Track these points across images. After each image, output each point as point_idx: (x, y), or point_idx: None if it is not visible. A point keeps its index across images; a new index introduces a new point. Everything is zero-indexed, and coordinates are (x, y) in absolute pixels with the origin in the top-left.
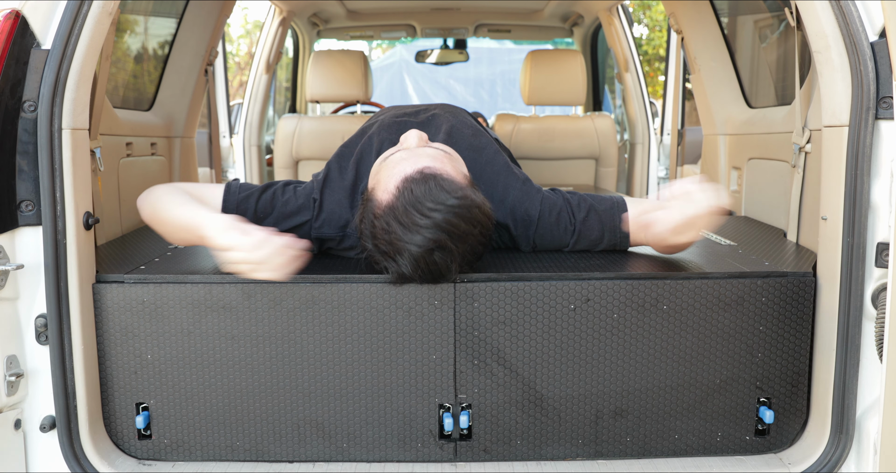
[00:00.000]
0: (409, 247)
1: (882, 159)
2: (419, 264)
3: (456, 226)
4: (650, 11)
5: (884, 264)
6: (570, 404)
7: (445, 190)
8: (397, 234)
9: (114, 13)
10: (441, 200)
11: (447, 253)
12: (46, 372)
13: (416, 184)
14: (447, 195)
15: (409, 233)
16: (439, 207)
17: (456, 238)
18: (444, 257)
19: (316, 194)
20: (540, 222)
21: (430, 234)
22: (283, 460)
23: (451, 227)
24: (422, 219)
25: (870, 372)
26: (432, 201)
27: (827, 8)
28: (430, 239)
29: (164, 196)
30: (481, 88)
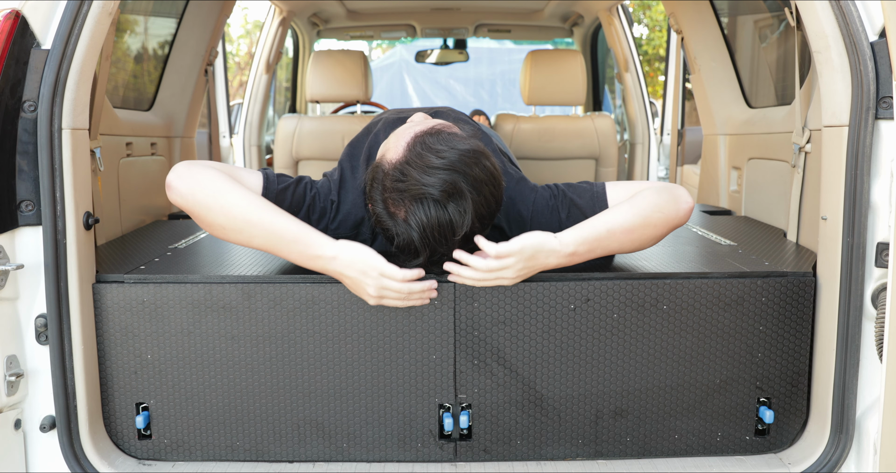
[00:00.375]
0: (425, 190)
1: (882, 159)
2: (433, 213)
3: (470, 168)
4: (650, 11)
5: (884, 264)
6: (570, 404)
7: (458, 137)
8: (413, 179)
9: (114, 13)
10: (454, 145)
11: (462, 200)
12: (46, 372)
13: (428, 136)
14: (460, 140)
15: (425, 176)
16: (453, 150)
17: (470, 183)
18: (458, 207)
19: (334, 196)
20: (532, 222)
21: (444, 176)
22: (283, 460)
23: (465, 168)
24: (436, 159)
25: (870, 372)
26: (445, 145)
27: (827, 8)
28: (446, 180)
29: (224, 185)
30: (481, 88)
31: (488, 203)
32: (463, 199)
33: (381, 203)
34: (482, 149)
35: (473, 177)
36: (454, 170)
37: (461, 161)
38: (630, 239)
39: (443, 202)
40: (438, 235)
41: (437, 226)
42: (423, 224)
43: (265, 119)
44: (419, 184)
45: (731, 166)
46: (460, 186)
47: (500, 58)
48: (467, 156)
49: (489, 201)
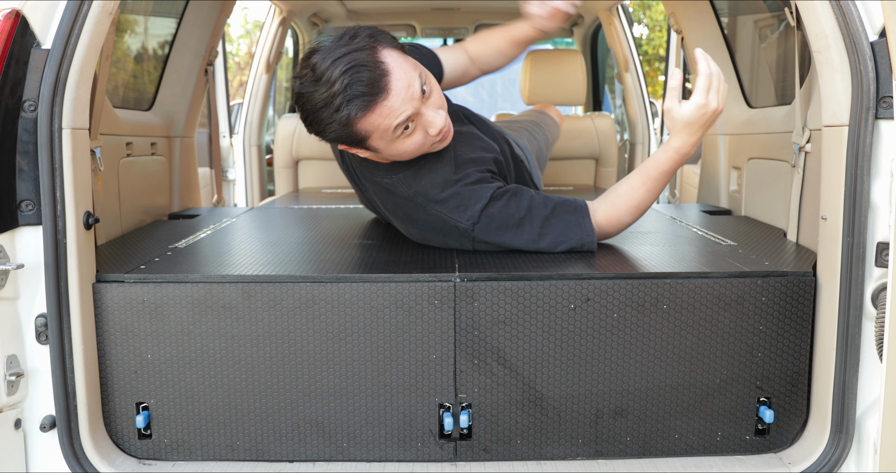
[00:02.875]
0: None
1: (882, 159)
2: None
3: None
4: (650, 11)
5: (884, 264)
6: (570, 404)
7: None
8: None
9: (114, 13)
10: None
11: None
12: (46, 372)
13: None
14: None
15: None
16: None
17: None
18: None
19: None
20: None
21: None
22: (283, 460)
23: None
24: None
25: (870, 372)
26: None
27: (827, 8)
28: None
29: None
30: (481, 88)
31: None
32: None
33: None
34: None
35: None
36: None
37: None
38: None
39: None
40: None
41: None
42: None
43: (265, 119)
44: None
45: (731, 166)
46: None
47: None
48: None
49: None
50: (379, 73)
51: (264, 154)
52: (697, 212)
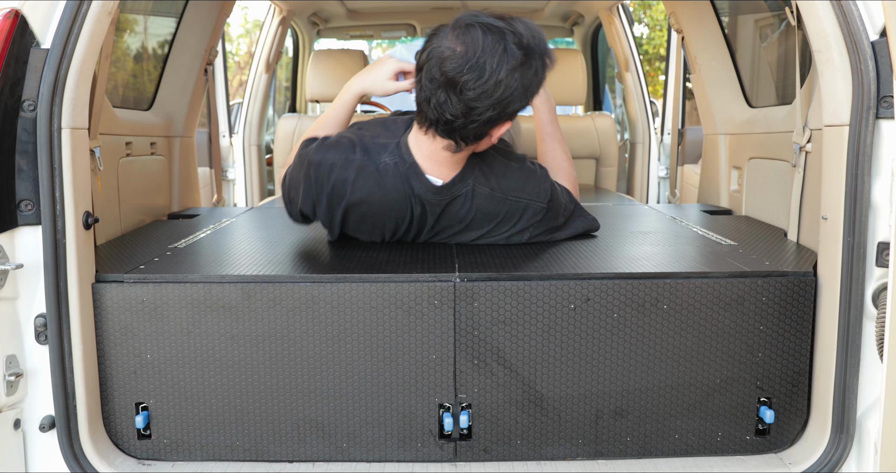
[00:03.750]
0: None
1: (883, 158)
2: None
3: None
4: (651, 11)
5: (884, 264)
6: (570, 404)
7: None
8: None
9: (113, 12)
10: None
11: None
12: (46, 372)
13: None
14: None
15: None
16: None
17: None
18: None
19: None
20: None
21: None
22: (282, 460)
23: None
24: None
25: (870, 372)
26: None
27: (827, 7)
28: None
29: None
30: None
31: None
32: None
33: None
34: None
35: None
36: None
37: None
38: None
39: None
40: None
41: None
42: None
43: (265, 118)
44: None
45: (731, 166)
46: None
47: None
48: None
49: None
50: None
51: (264, 154)
52: (698, 211)
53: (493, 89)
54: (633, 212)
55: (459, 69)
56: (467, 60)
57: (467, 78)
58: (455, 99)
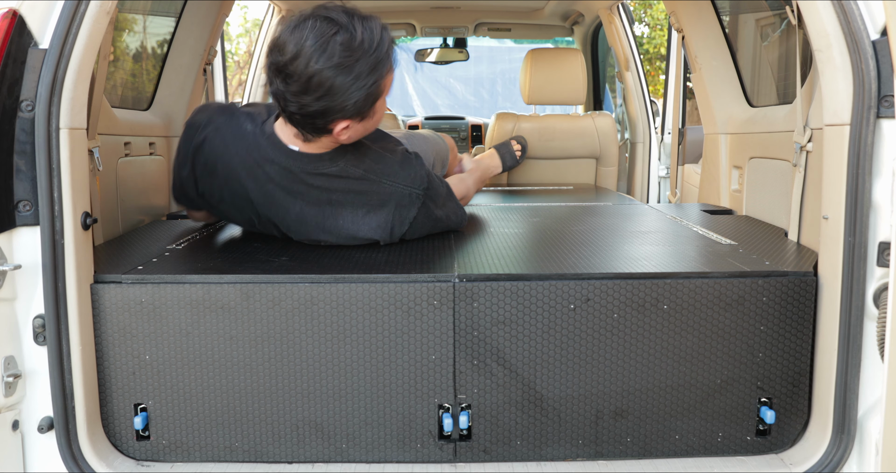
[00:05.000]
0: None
1: (884, 158)
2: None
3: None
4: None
5: (885, 263)
6: (570, 404)
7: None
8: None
9: (112, 12)
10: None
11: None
12: (44, 373)
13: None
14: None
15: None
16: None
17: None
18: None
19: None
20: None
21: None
22: (281, 461)
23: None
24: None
25: (871, 372)
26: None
27: (828, 6)
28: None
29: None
30: (481, 87)
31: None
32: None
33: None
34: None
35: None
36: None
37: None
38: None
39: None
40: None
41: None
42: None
43: None
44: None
45: (732, 165)
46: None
47: (501, 56)
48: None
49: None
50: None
51: None
52: (698, 211)
53: (308, 83)
54: (634, 211)
55: (283, 61)
56: (290, 51)
57: (289, 70)
58: (284, 89)
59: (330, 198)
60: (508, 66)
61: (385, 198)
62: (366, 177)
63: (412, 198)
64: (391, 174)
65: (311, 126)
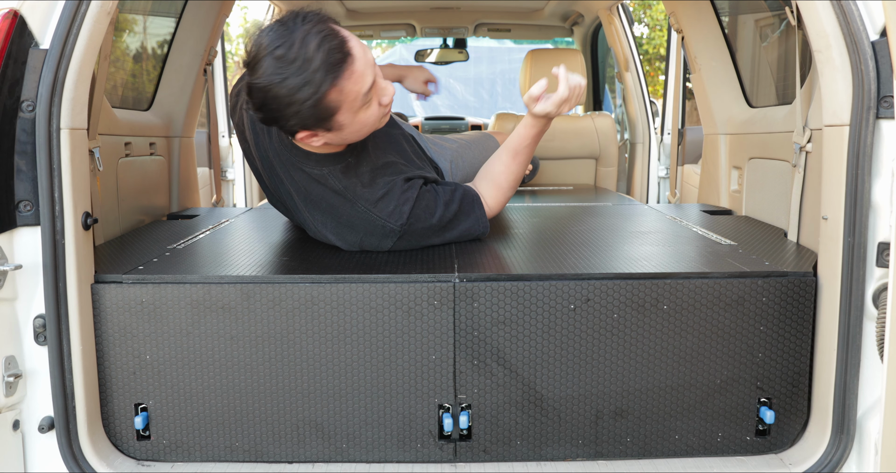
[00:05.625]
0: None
1: (883, 158)
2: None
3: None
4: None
5: (885, 264)
6: (570, 404)
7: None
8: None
9: (112, 13)
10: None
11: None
12: (45, 373)
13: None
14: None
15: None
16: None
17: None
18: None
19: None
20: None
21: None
22: (282, 461)
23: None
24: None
25: (871, 373)
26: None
27: (828, 7)
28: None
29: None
30: (481, 88)
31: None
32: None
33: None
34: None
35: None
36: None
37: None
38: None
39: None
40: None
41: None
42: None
43: None
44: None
45: (731, 166)
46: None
47: (500, 57)
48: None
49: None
50: (341, 38)
51: None
52: (698, 211)
53: (249, 91)
54: (633, 212)
55: (245, 61)
56: (249, 55)
57: (246, 73)
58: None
59: (308, 196)
60: (508, 66)
61: (355, 221)
62: (343, 193)
63: (385, 230)
64: (367, 200)
65: (278, 128)
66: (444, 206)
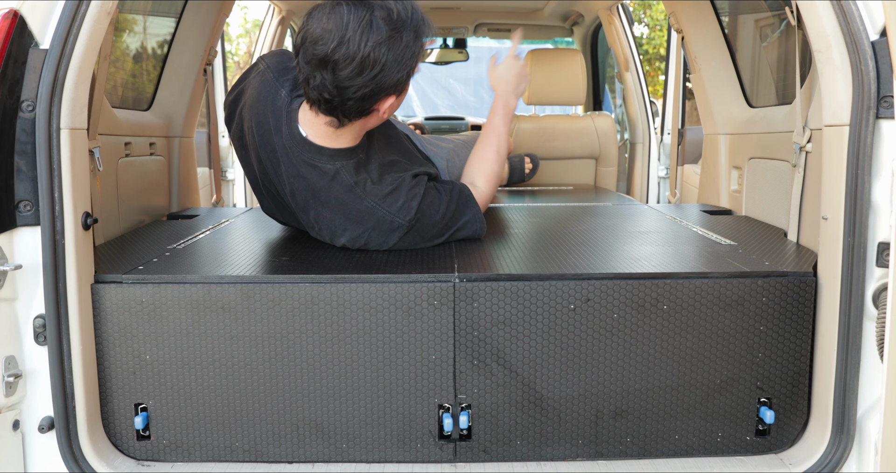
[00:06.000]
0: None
1: (883, 158)
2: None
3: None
4: (651, 10)
5: (885, 264)
6: (570, 404)
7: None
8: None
9: (112, 13)
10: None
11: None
12: (45, 373)
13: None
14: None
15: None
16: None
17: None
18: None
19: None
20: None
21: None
22: (282, 460)
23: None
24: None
25: (871, 372)
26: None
27: (828, 7)
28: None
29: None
30: (481, 88)
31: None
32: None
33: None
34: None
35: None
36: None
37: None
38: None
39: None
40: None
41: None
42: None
43: None
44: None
45: (731, 166)
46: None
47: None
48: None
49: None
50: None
51: None
52: (698, 211)
53: (362, 66)
54: (633, 211)
55: (327, 48)
56: (333, 39)
57: (337, 57)
58: (330, 78)
59: (316, 193)
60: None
61: (364, 216)
62: (354, 188)
63: (393, 225)
64: (376, 195)
65: (358, 110)
66: (447, 203)
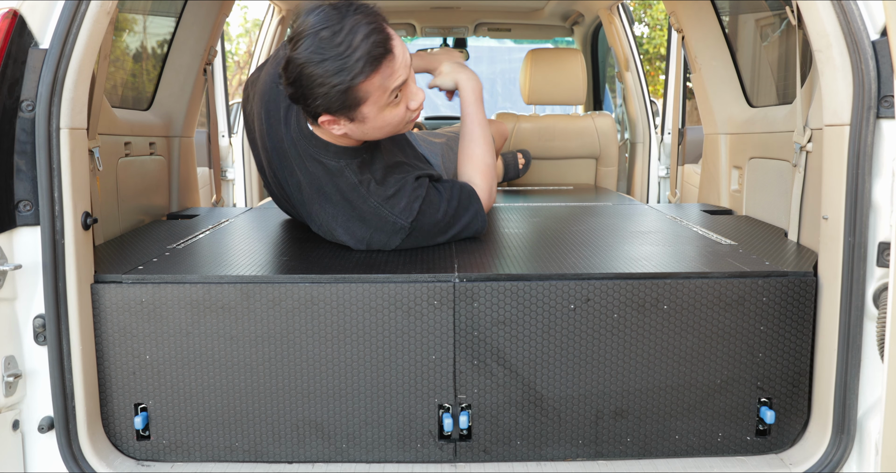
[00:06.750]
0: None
1: (883, 158)
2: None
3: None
4: (651, 10)
5: (885, 263)
6: (570, 404)
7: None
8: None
9: (112, 12)
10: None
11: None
12: (45, 373)
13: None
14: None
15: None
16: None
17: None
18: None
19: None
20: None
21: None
22: (282, 461)
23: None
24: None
25: (871, 372)
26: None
27: (828, 7)
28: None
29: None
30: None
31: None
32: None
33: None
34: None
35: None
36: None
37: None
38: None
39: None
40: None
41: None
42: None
43: None
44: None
45: (731, 165)
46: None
47: (501, 57)
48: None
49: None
50: (386, 34)
51: None
52: (698, 211)
53: (286, 64)
54: (633, 211)
55: (290, 35)
56: (295, 31)
57: (288, 47)
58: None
59: (321, 188)
60: (508, 66)
61: (367, 216)
62: (358, 187)
63: (395, 227)
64: (380, 195)
65: (303, 108)
66: (447, 202)
